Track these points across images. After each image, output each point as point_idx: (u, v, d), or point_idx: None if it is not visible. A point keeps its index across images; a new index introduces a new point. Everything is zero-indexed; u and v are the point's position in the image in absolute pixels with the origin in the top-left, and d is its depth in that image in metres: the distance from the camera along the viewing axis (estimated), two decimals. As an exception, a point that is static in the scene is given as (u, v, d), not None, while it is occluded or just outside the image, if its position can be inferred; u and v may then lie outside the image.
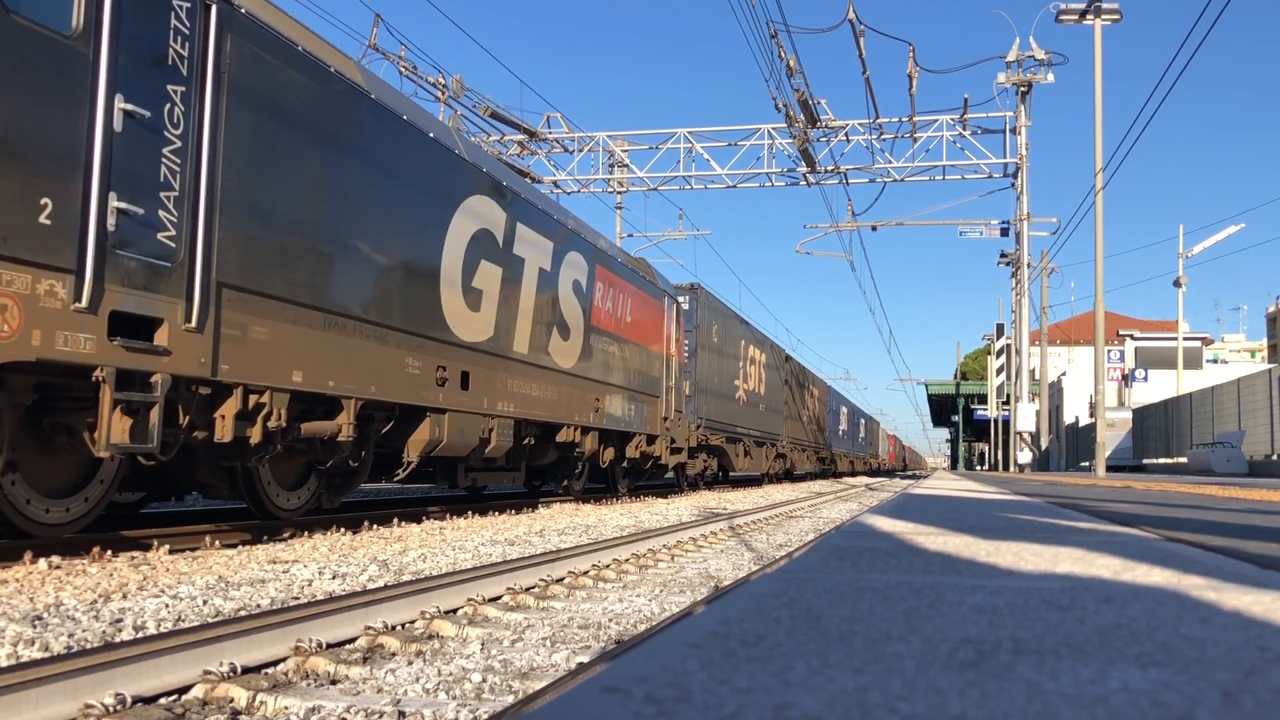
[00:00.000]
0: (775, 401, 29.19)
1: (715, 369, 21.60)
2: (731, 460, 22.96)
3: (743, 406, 24.14)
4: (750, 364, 25.48)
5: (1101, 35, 21.56)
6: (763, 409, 27.03)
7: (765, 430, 27.30)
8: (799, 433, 33.71)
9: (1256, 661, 1.09)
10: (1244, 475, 22.10)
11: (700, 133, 28.37)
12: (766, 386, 27.81)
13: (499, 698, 3.32)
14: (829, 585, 1.69)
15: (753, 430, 25.37)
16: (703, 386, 20.19)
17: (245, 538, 7.82)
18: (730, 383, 23.04)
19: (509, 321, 11.21)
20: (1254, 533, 3.40)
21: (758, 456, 26.30)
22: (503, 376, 10.98)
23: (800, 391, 34.82)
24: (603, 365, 14.28)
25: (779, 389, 30.04)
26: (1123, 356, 44.60)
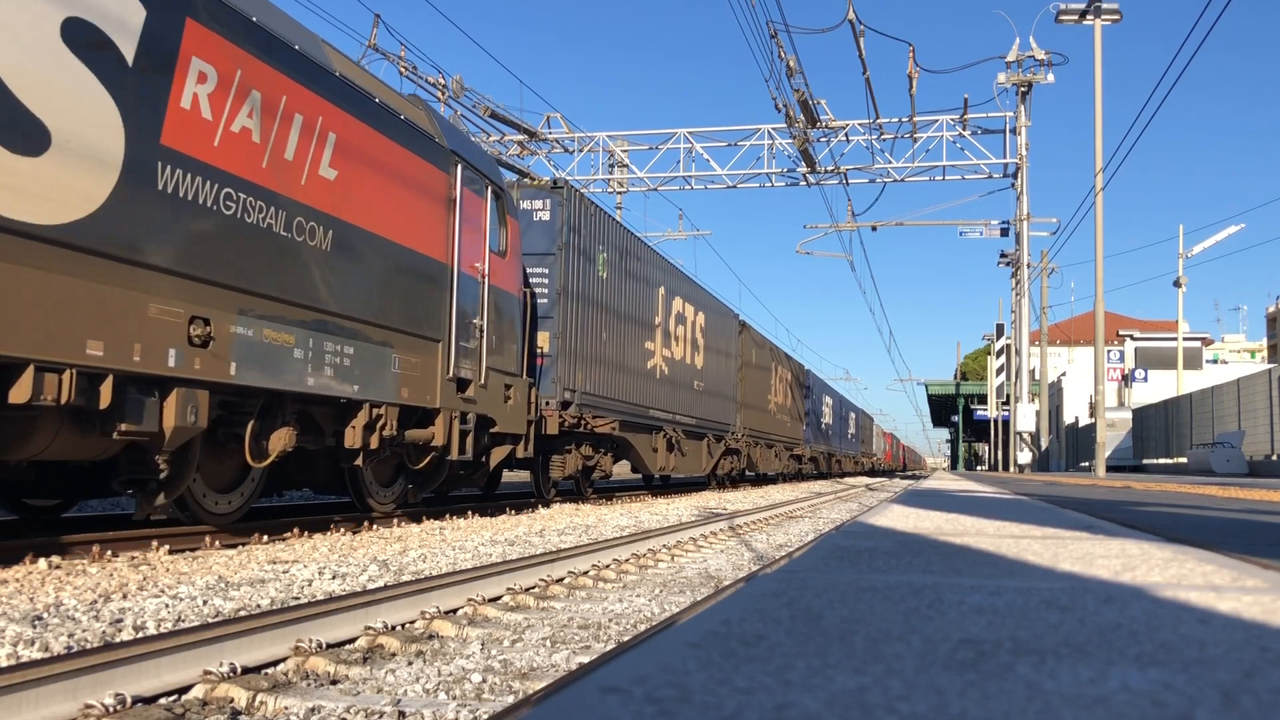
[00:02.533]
0: (722, 382, 22.78)
1: (604, 321, 14.75)
2: (642, 456, 16.88)
3: (660, 383, 17.69)
4: (676, 323, 18.97)
5: (1101, 35, 21.56)
6: (699, 388, 20.45)
7: (705, 418, 20.92)
8: (763, 424, 27.49)
9: (1256, 661, 1.09)
10: (1244, 475, 22.10)
11: (700, 133, 28.37)
12: (707, 359, 21.27)
13: (499, 698, 3.32)
14: (829, 585, 1.69)
15: (681, 416, 19.12)
16: (579, 348, 13.68)
17: (245, 538, 7.82)
18: (637, 346, 16.38)
19: None
20: (1254, 532, 3.40)
21: (694, 452, 20.31)
22: None
23: (765, 374, 28.17)
24: (210, 247, 6.58)
25: (728, 367, 23.56)
26: (1123, 356, 44.60)
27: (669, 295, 18.78)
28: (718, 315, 23.12)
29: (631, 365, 16.15)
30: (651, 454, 17.48)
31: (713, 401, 21.74)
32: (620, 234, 16.08)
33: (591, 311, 14.21)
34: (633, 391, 16.12)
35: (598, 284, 14.64)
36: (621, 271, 15.81)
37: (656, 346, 17.69)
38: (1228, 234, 36.03)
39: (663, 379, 17.96)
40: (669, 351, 18.52)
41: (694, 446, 20.43)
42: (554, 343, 13.15)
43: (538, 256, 13.22)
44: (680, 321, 19.54)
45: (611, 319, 15.18)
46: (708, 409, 21.29)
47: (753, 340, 27.03)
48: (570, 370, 13.38)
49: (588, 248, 14.25)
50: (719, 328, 23.04)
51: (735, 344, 24.74)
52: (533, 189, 13.65)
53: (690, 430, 19.79)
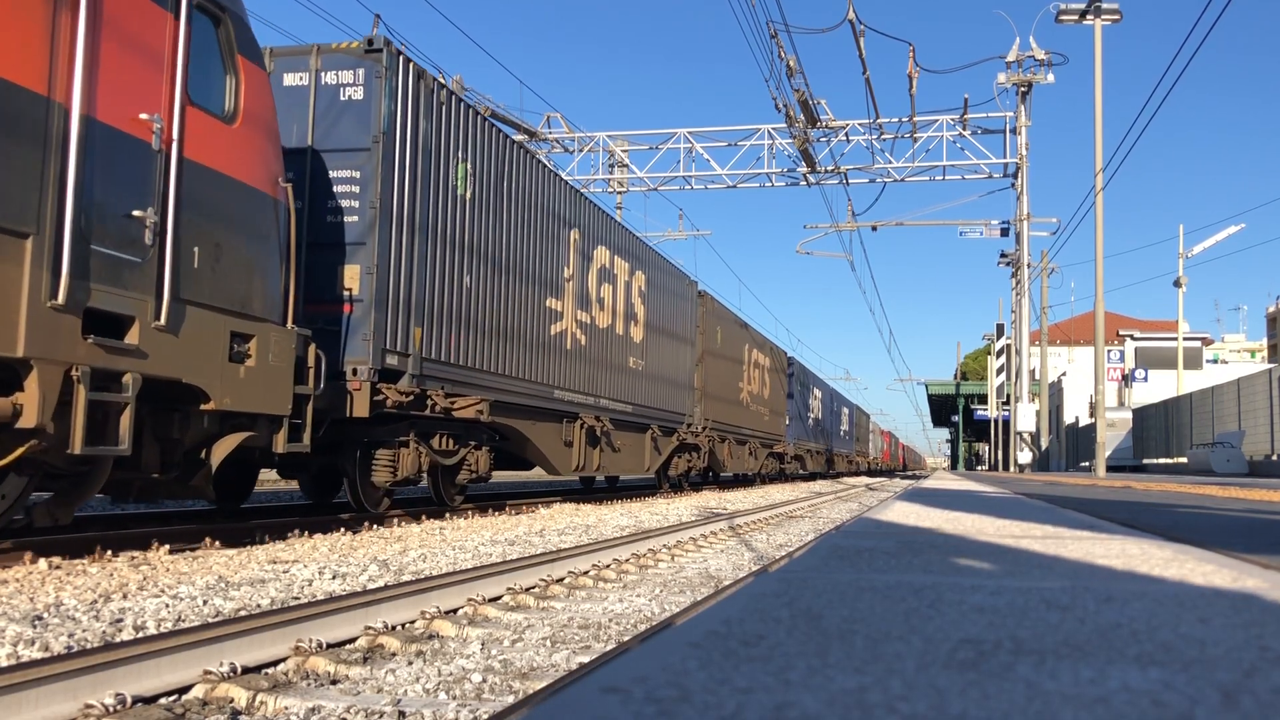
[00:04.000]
0: (674, 364, 18.85)
1: (466, 263, 10.72)
2: (546, 452, 12.91)
3: (573, 357, 13.68)
4: (600, 281, 14.90)
5: (1101, 35, 21.56)
6: (637, 368, 16.47)
7: (648, 405, 17.16)
8: (733, 417, 23.75)
9: (1256, 661, 1.09)
10: (1244, 475, 22.11)
11: (700, 133, 28.38)
12: (651, 332, 17.43)
13: (499, 698, 3.32)
14: (829, 585, 1.69)
15: (610, 402, 15.16)
16: (416, 293, 9.66)
17: (245, 539, 7.82)
18: (531, 304, 12.25)
19: None
20: (1253, 531, 3.40)
21: (632, 448, 16.47)
22: None
23: (735, 358, 24.42)
24: None
25: (683, 345, 19.65)
26: (1123, 356, 44.60)
27: (588, 243, 14.39)
28: (666, 279, 18.70)
29: (521, 329, 11.96)
30: (562, 449, 13.44)
31: (659, 386, 17.84)
32: (500, 144, 11.56)
33: (441, 245, 10.04)
34: (523, 364, 11.98)
35: (454, 206, 10.39)
36: (502, 196, 11.48)
37: (565, 308, 13.41)
38: (1228, 234, 36.05)
39: (577, 352, 13.82)
40: (586, 316, 14.22)
41: (632, 440, 16.49)
42: (367, 283, 8.82)
43: (343, 154, 9.01)
44: (607, 280, 15.22)
45: (481, 262, 10.95)
46: (652, 395, 17.40)
47: (716, 315, 22.59)
48: (398, 324, 9.20)
49: (435, 149, 10.00)
50: (669, 295, 18.81)
51: (693, 317, 20.55)
52: (336, 53, 9.28)
53: (625, 420, 15.99)
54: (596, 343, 14.72)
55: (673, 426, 18.82)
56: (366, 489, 9.81)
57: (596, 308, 14.79)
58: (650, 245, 18.25)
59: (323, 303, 8.95)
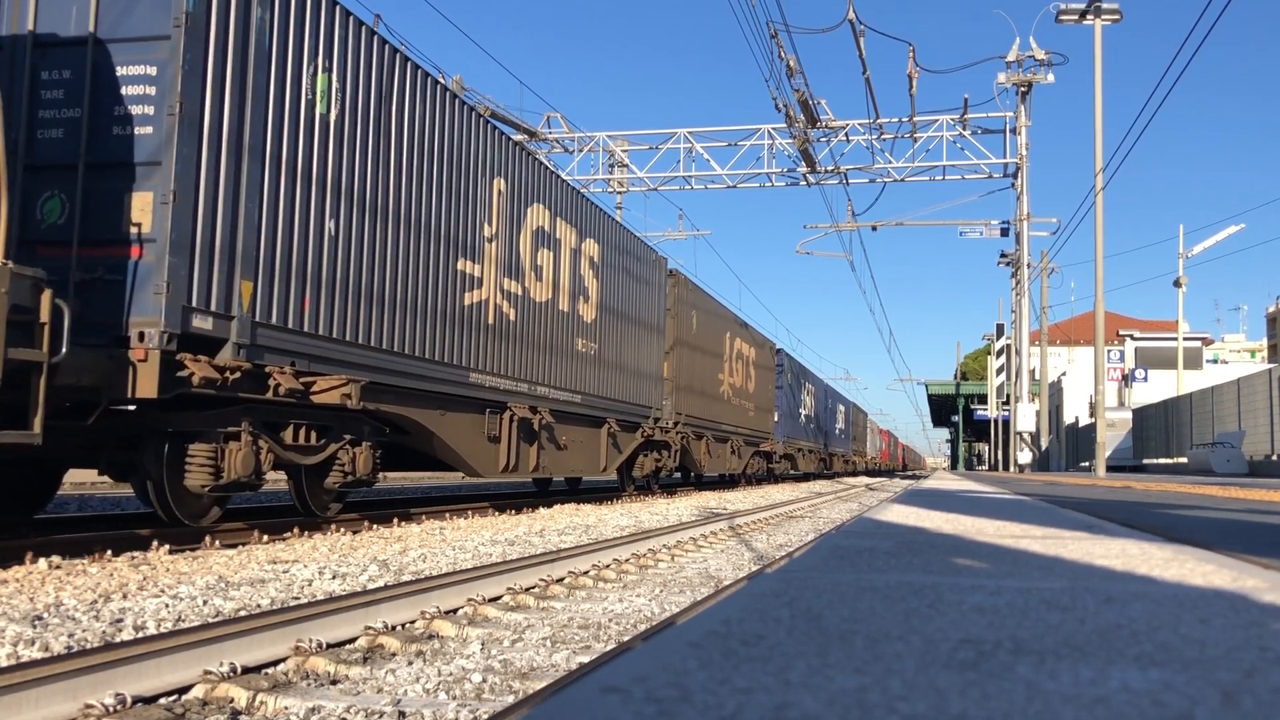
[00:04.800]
0: (638, 350, 16.70)
1: (323, 200, 8.44)
2: (458, 449, 10.71)
3: (494, 333, 11.40)
4: (535, 244, 12.58)
5: (1101, 35, 21.56)
6: (587, 352, 14.36)
7: (603, 396, 14.95)
8: (711, 412, 21.43)
9: (1256, 661, 1.09)
10: (1244, 475, 22.11)
11: (700, 133, 28.39)
12: (607, 312, 15.23)
13: (499, 698, 3.32)
14: (829, 585, 1.69)
15: (551, 390, 12.94)
16: (240, 233, 7.49)
17: (245, 538, 7.82)
18: (424, 258, 9.93)
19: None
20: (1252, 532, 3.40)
21: (583, 445, 14.36)
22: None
23: (714, 346, 22.07)
24: None
25: (650, 329, 17.42)
26: (1123, 356, 44.61)
27: (519, 199, 12.08)
28: (626, 252, 16.30)
29: (417, 295, 9.71)
30: (484, 446, 11.24)
31: (618, 375, 15.65)
32: (388, 60, 9.33)
33: (289, 178, 7.91)
34: (422, 339, 9.79)
35: (311, 129, 8.19)
36: (389, 125, 9.33)
37: (486, 274, 11.17)
38: (1228, 234, 36.05)
39: (504, 329, 11.61)
40: (515, 286, 11.99)
41: (583, 436, 14.33)
42: (162, 216, 6.76)
43: (136, 45, 6.99)
44: (545, 245, 12.91)
45: (355, 206, 8.73)
46: (608, 384, 15.17)
47: (691, 299, 20.14)
48: (214, 276, 7.12)
49: (280, 51, 7.85)
50: (630, 271, 16.44)
51: (661, 298, 18.22)
52: None
53: (573, 413, 13.78)
54: (531, 319, 12.40)
55: (635, 421, 16.46)
56: (179, 495, 7.40)
57: (531, 277, 12.42)
58: (607, 211, 15.60)
59: (104, 244, 6.80)
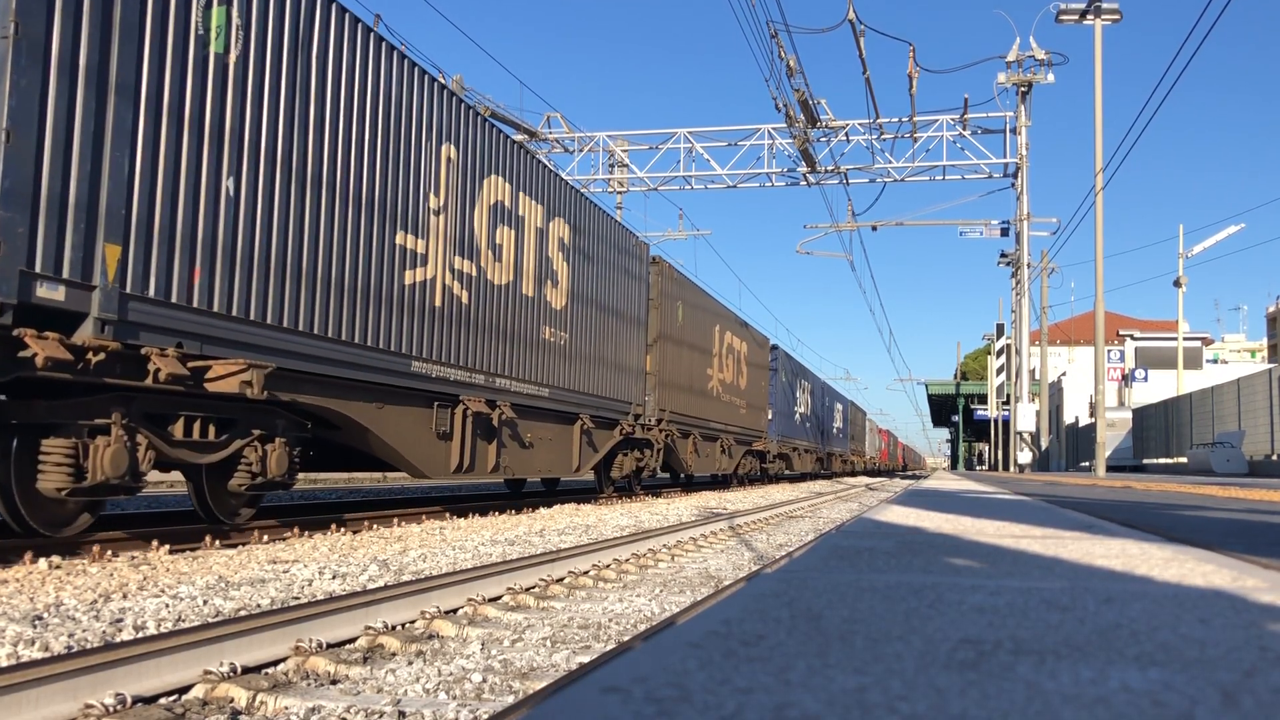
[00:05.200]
0: (616, 341, 15.55)
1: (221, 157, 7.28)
2: (397, 446, 9.52)
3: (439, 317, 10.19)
4: (492, 220, 11.33)
5: (1101, 35, 21.56)
6: (555, 341, 13.12)
7: (575, 390, 13.78)
8: (699, 409, 20.30)
9: (1256, 661, 1.09)
10: (1244, 475, 22.11)
11: (700, 133, 28.39)
12: (580, 300, 14.10)
13: (499, 698, 3.32)
14: (829, 585, 1.69)
15: (512, 382, 11.77)
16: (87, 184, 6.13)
17: (245, 538, 7.82)
18: (352, 228, 8.76)
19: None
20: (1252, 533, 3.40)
21: (552, 443, 13.19)
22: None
23: (702, 340, 20.87)
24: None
25: (629, 320, 16.26)
26: (1123, 356, 44.62)
27: (473, 168, 10.85)
28: (602, 235, 15.11)
29: (345, 271, 8.50)
30: (432, 444, 10.06)
31: (593, 368, 14.45)
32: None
33: (173, 124, 6.79)
34: (351, 321, 8.59)
35: (203, 68, 7.11)
36: (310, 72, 8.19)
37: (432, 251, 9.96)
38: (1228, 234, 36.05)
39: (455, 314, 10.41)
40: (469, 266, 10.71)
41: (553, 434, 13.16)
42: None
43: None
44: (506, 222, 11.64)
45: (263, 163, 7.60)
46: (581, 378, 14.00)
47: (677, 288, 19.00)
48: (68, 235, 6.02)
49: None
50: (607, 257, 15.29)
51: (643, 288, 17.01)
52: None
53: (540, 408, 12.62)
54: (489, 304, 11.23)
55: (613, 418, 15.37)
56: (30, 499, 6.30)
57: (488, 257, 11.24)
58: (580, 190, 14.24)
59: None
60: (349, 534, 8.46)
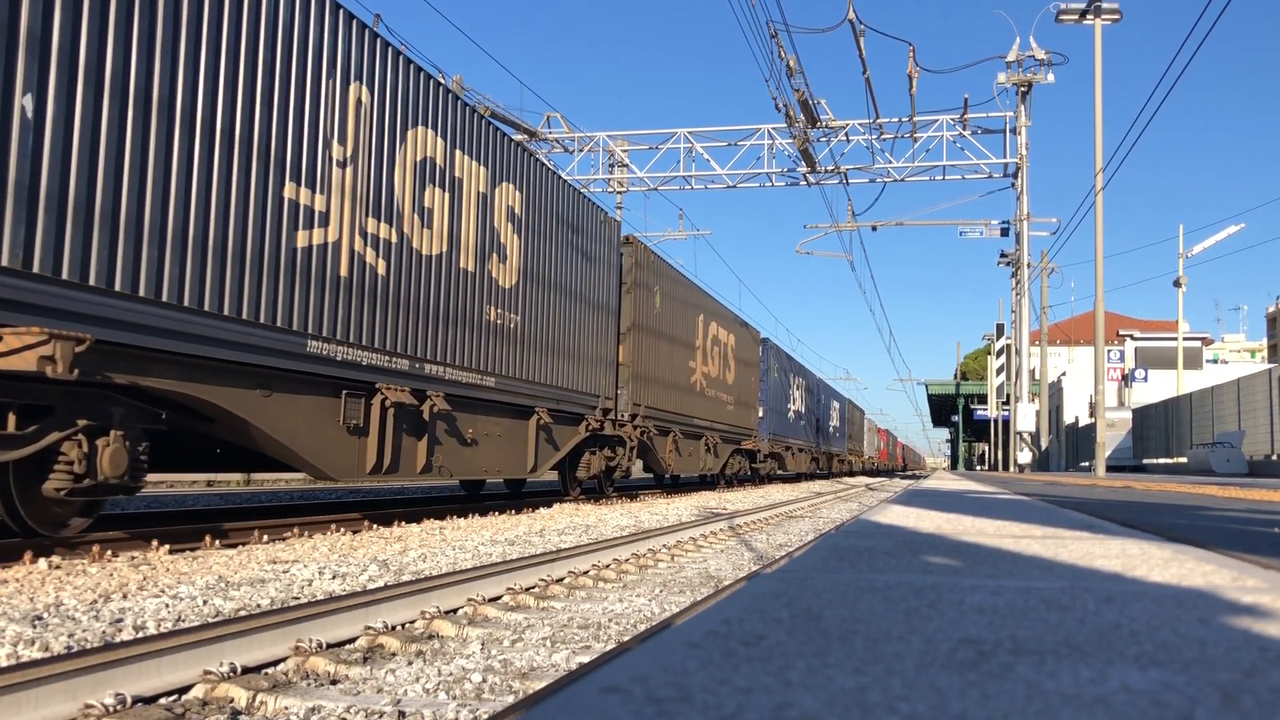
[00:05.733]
0: (580, 328, 14.21)
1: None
2: (295, 447, 8.13)
3: (345, 287, 8.69)
4: (417, 179, 9.87)
5: (1101, 35, 21.57)
6: (504, 325, 11.68)
7: (528, 381, 12.30)
8: (680, 404, 19.17)
9: (1256, 661, 1.09)
10: (1244, 475, 22.11)
11: (700, 133, 28.40)
12: (534, 280, 12.55)
13: (499, 698, 3.32)
14: (829, 585, 1.69)
15: (448, 370, 10.41)
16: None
17: (245, 538, 7.82)
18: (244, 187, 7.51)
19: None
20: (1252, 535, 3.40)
21: (499, 441, 11.70)
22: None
23: (684, 331, 19.72)
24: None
25: (596, 307, 14.90)
26: (1123, 356, 44.63)
27: (394, 115, 9.41)
28: (562, 207, 13.59)
29: (188, 215, 6.94)
30: (340, 439, 8.64)
31: (552, 358, 13.06)
32: None
33: None
34: (197, 281, 6.99)
35: None
36: None
37: (335, 209, 8.48)
38: (1228, 234, 36.05)
39: (370, 285, 8.93)
40: (389, 232, 9.28)
41: (503, 429, 11.73)
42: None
43: None
44: (437, 182, 10.18)
45: (60, 76, 6.09)
46: (538, 367, 12.60)
47: (654, 273, 17.64)
48: None
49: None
50: (569, 232, 13.85)
51: (613, 269, 15.79)
52: None
53: (485, 400, 11.19)
54: (415, 277, 9.78)
55: (578, 413, 14.00)
56: None
57: (414, 222, 9.78)
58: (536, 154, 13.01)
59: None
60: (349, 534, 8.46)
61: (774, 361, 29.49)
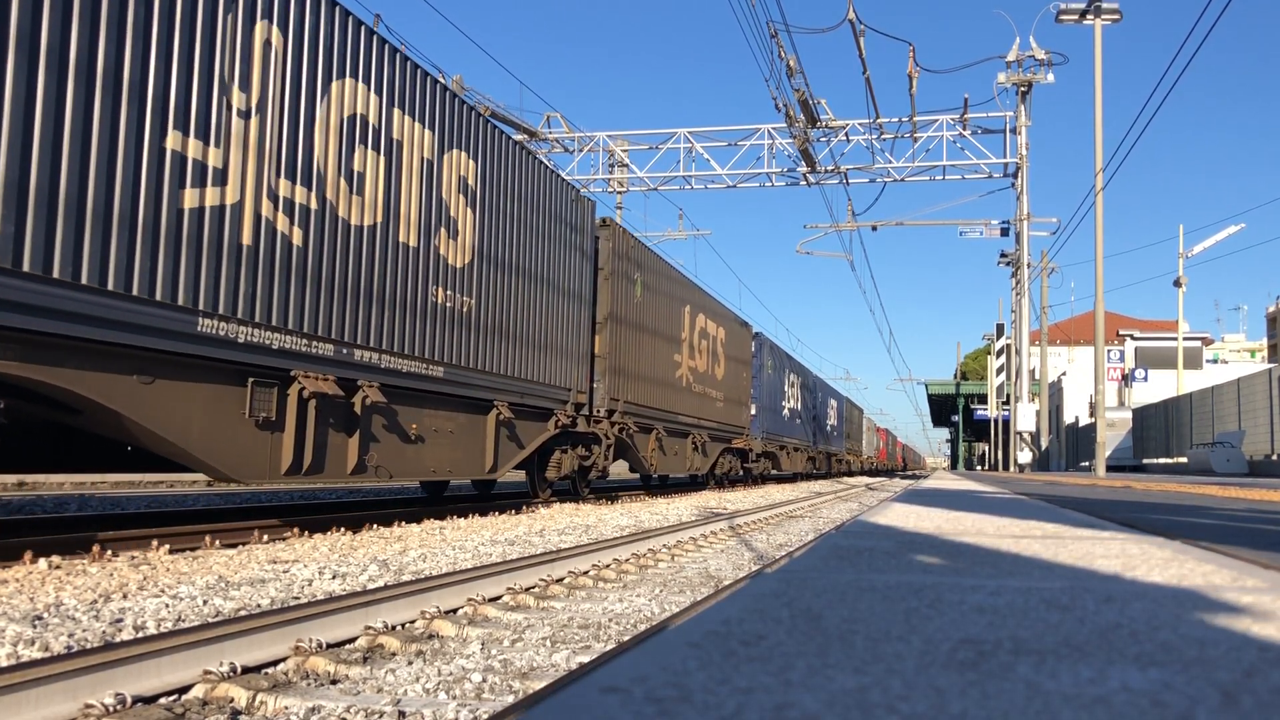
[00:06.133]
0: (546, 319, 12.95)
1: None
2: (140, 428, 6.65)
3: (260, 262, 7.64)
4: (329, 118, 8.52)
5: (1101, 35, 21.56)
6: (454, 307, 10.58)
7: (484, 372, 11.08)
8: (662, 400, 18.03)
9: (1256, 661, 1.09)
10: (1244, 475, 22.11)
11: (700, 133, 28.40)
12: (481, 258, 11.21)
13: (499, 698, 3.32)
14: (829, 585, 1.69)
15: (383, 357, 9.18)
16: None
17: (245, 538, 7.82)
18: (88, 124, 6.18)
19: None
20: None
21: (451, 435, 10.61)
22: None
23: (668, 322, 18.67)
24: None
25: (566, 294, 13.67)
26: (1123, 356, 44.63)
27: (308, 60, 8.29)
28: (526, 187, 12.40)
29: (32, 162, 5.84)
30: (247, 435, 7.55)
31: (515, 346, 11.93)
32: None
33: None
34: (39, 242, 5.86)
35: None
36: None
37: (232, 163, 7.40)
38: (1228, 234, 36.05)
39: (280, 256, 7.82)
40: (306, 196, 8.16)
41: (454, 425, 10.57)
42: None
43: None
44: (368, 142, 9.02)
45: None
46: (498, 355, 11.47)
47: (633, 258, 16.59)
48: None
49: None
50: (535, 209, 12.64)
51: (586, 254, 14.61)
52: None
53: (429, 392, 10.00)
54: (342, 250, 8.60)
55: (546, 407, 12.91)
56: None
57: (340, 187, 8.60)
58: (494, 123, 11.63)
59: None
60: (349, 534, 8.46)
61: (768, 357, 28.53)
